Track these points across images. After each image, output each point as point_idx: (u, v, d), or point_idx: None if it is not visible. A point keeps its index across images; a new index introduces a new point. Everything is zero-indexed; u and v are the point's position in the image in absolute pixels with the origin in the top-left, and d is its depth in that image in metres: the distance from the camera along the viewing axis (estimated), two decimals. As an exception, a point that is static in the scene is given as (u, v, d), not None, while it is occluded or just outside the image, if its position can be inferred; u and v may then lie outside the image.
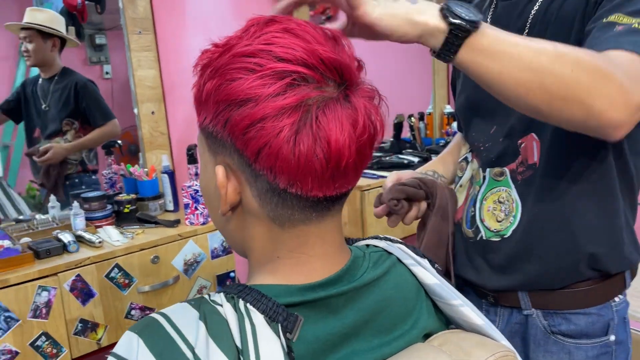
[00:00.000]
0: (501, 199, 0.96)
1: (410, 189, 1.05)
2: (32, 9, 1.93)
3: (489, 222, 0.97)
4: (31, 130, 2.03)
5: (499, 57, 0.66)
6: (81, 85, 2.01)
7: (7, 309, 1.31)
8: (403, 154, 2.70)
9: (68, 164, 2.04)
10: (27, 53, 1.92)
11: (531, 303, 0.95)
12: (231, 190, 0.57)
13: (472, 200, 1.01)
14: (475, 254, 1.00)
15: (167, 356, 0.51)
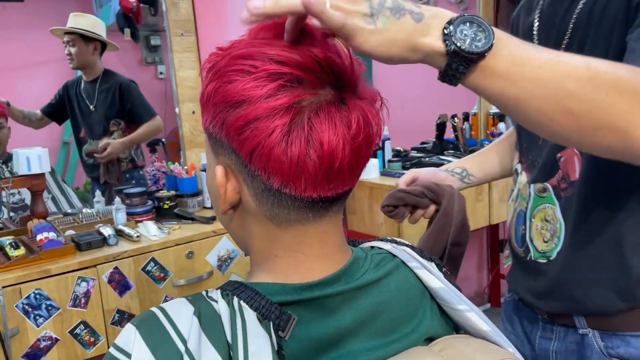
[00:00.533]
0: (547, 217, 0.91)
1: (410, 197, 1.01)
2: (75, 14, 2.04)
3: (537, 241, 0.93)
4: (77, 131, 2.14)
5: (516, 83, 0.54)
6: (125, 86, 2.11)
7: (48, 297, 1.39)
8: (445, 154, 2.66)
9: (121, 161, 2.14)
10: (70, 56, 2.03)
11: (587, 323, 0.90)
12: (230, 190, 0.59)
13: (522, 217, 0.97)
14: (527, 273, 0.96)
15: (161, 348, 0.53)
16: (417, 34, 0.54)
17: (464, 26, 0.54)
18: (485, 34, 0.54)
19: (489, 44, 0.53)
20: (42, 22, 2.08)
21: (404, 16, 0.53)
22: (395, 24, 0.53)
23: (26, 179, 1.66)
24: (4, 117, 1.98)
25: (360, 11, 0.52)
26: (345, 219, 2.42)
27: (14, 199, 1.97)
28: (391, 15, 0.53)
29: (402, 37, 0.53)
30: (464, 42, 0.53)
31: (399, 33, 0.53)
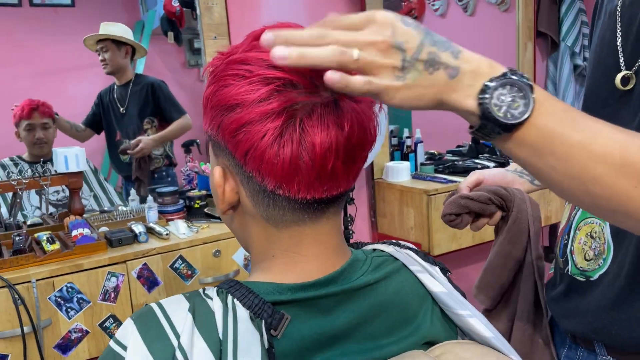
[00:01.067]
0: (594, 234, 0.85)
1: (475, 204, 0.93)
2: (106, 23, 2.14)
3: (577, 257, 0.88)
4: (112, 135, 2.22)
5: (542, 156, 0.51)
6: (156, 85, 2.19)
7: (79, 291, 1.45)
8: (480, 158, 2.61)
9: (154, 159, 2.21)
10: (104, 62, 2.13)
11: (606, 351, 0.85)
12: (228, 190, 0.60)
13: (568, 227, 0.92)
14: (561, 286, 0.92)
15: (155, 342, 0.55)
16: (448, 89, 0.50)
17: (503, 90, 0.50)
18: (524, 101, 0.50)
19: (526, 114, 0.50)
20: (92, 26, 2.17)
21: (438, 71, 0.49)
22: (427, 80, 0.49)
23: (64, 177, 1.73)
24: (50, 117, 2.07)
25: (391, 64, 0.48)
26: (376, 222, 2.41)
27: (59, 197, 2.06)
28: (424, 69, 0.49)
29: (431, 93, 0.50)
30: (499, 109, 0.49)
31: (428, 89, 0.50)
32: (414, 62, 0.49)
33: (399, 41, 0.48)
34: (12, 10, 2.12)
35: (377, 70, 0.48)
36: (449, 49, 0.50)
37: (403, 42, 0.48)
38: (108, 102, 2.21)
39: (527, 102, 0.50)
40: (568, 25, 2.94)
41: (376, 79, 0.48)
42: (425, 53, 0.49)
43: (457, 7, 3.09)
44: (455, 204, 0.94)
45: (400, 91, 0.49)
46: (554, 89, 3.11)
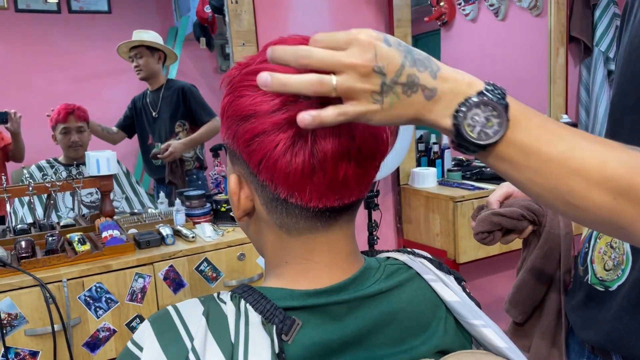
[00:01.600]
0: (614, 244, 0.84)
1: (508, 221, 0.92)
2: (138, 31, 2.20)
3: (597, 266, 0.87)
4: (145, 139, 2.28)
5: (520, 170, 0.52)
6: (187, 89, 2.24)
7: (108, 291, 1.49)
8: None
9: (185, 161, 2.26)
10: (139, 67, 2.19)
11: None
12: (243, 198, 0.62)
13: (589, 235, 0.91)
14: (580, 296, 0.91)
15: (170, 344, 0.57)
16: (425, 110, 0.51)
17: (477, 110, 0.51)
18: (498, 120, 0.51)
19: (500, 134, 0.51)
20: (127, 32, 2.24)
21: (415, 93, 0.50)
22: (404, 102, 0.50)
23: (95, 180, 1.79)
24: (85, 121, 2.14)
25: (370, 89, 0.49)
26: (401, 228, 2.40)
27: (92, 199, 2.12)
28: (402, 92, 0.50)
29: (409, 114, 0.51)
30: (472, 130, 0.51)
31: (405, 111, 0.51)
32: (393, 86, 0.49)
33: (380, 65, 0.49)
34: (51, 17, 2.20)
35: (356, 95, 0.49)
36: (428, 69, 0.50)
37: (384, 66, 0.49)
38: (141, 106, 2.28)
39: (501, 122, 0.51)
40: (602, 30, 2.87)
41: (352, 105, 0.50)
42: (405, 76, 0.49)
43: (489, 12, 3.06)
44: (488, 222, 0.93)
45: (377, 114, 0.50)
46: (587, 95, 3.05)
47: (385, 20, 2.41)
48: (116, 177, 2.17)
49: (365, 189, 0.62)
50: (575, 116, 3.11)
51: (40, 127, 2.11)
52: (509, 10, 3.02)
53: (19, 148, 2.05)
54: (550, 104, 2.89)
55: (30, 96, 2.18)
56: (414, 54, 0.51)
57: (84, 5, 2.23)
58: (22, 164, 2.11)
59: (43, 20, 2.20)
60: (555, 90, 2.88)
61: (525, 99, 1.73)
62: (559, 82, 2.87)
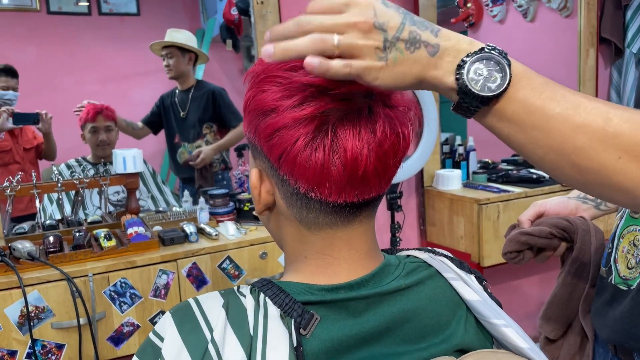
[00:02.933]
0: (636, 241, 0.83)
1: (536, 240, 0.91)
2: (172, 30, 2.22)
3: (621, 265, 0.86)
4: (172, 138, 2.31)
5: (525, 130, 0.52)
6: (217, 92, 2.26)
7: (132, 286, 1.51)
8: (535, 168, 2.54)
9: (213, 164, 2.29)
10: (169, 67, 2.21)
11: None
12: (264, 192, 0.62)
13: (612, 235, 0.90)
14: (604, 297, 0.90)
15: (190, 335, 0.58)
16: (430, 67, 0.51)
17: (480, 64, 0.51)
18: (501, 74, 0.51)
19: (503, 87, 0.51)
20: (156, 34, 2.28)
21: (419, 49, 0.51)
22: (409, 58, 0.51)
23: (122, 177, 1.82)
24: (113, 120, 2.18)
25: (372, 45, 0.50)
26: (425, 230, 2.39)
27: (119, 197, 2.16)
28: (405, 48, 0.50)
29: (414, 71, 0.51)
30: (476, 83, 0.51)
31: (411, 67, 0.51)
32: (396, 42, 0.50)
33: (380, 21, 0.49)
34: (82, 19, 2.25)
35: (359, 52, 0.50)
36: (428, 28, 0.51)
37: (385, 22, 0.50)
38: (169, 104, 2.30)
39: (504, 75, 0.51)
40: (634, 31, 2.81)
41: (357, 60, 0.50)
42: (407, 32, 0.50)
43: (517, 13, 3.02)
44: (515, 241, 0.92)
45: (382, 71, 0.50)
46: (617, 97, 2.98)
47: (411, 21, 2.40)
48: (142, 177, 2.20)
49: (385, 186, 0.61)
50: (605, 119, 3.04)
51: (69, 126, 2.16)
52: (537, 11, 2.98)
53: (51, 148, 2.11)
54: (579, 106, 2.84)
55: (60, 96, 2.23)
56: (413, 16, 0.52)
57: (113, 7, 2.27)
58: (52, 163, 2.16)
59: (74, 22, 2.25)
60: (585, 93, 2.82)
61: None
62: (589, 84, 2.81)
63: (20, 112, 2.00)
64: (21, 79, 2.04)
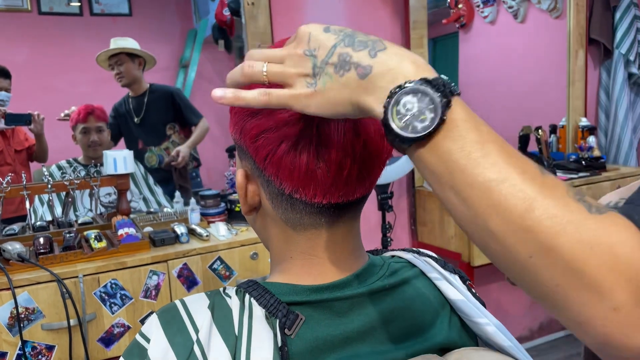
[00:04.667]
0: None
1: None
2: (116, 38, 2.22)
3: None
4: (134, 144, 2.31)
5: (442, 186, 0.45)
6: (175, 93, 2.30)
7: (123, 287, 1.51)
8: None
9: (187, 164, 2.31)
10: (120, 74, 2.21)
11: None
12: (251, 192, 0.63)
13: None
14: None
15: (176, 336, 0.58)
16: (360, 90, 0.46)
17: (413, 97, 0.44)
18: (432, 116, 0.43)
19: (428, 131, 0.44)
20: (148, 34, 2.27)
21: (349, 72, 0.46)
22: (338, 82, 0.47)
23: (112, 179, 1.82)
24: (104, 121, 2.18)
25: (302, 72, 0.48)
26: (416, 230, 2.40)
27: (110, 199, 2.16)
28: (334, 72, 0.47)
29: (345, 97, 0.47)
30: (401, 119, 0.44)
31: (340, 92, 0.47)
32: (324, 66, 0.47)
33: (310, 49, 0.48)
34: (73, 20, 2.24)
35: (286, 80, 0.49)
36: (368, 48, 0.47)
37: (315, 48, 0.48)
38: (125, 112, 2.30)
39: (435, 118, 0.43)
40: (622, 32, 2.84)
41: (280, 89, 0.50)
42: (337, 55, 0.47)
43: (507, 14, 3.04)
44: None
45: (312, 98, 0.48)
46: (606, 98, 3.01)
47: (401, 22, 2.41)
48: (134, 178, 2.20)
49: (370, 186, 0.62)
50: (595, 119, 3.07)
51: (61, 128, 2.15)
52: (528, 12, 3.00)
53: (43, 149, 2.10)
54: (568, 107, 2.86)
55: (51, 97, 2.22)
56: (356, 37, 0.48)
57: (105, 8, 2.27)
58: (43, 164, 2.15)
59: (65, 23, 2.24)
60: (574, 93, 2.84)
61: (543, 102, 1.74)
62: (578, 84, 2.84)
63: (13, 112, 1.99)
64: (13, 80, 2.03)
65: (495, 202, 0.42)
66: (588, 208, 0.41)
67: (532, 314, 2.90)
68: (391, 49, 0.47)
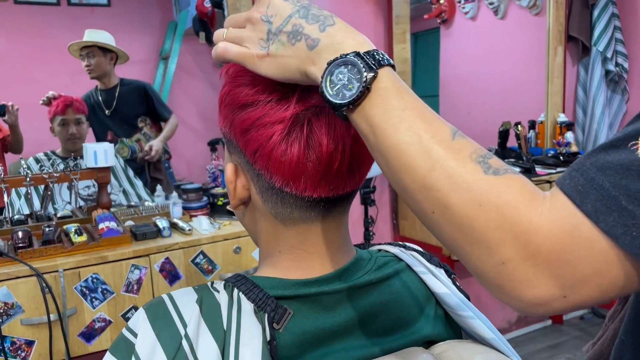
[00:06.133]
0: None
1: None
2: (91, 30, 2.19)
3: None
4: (103, 136, 2.29)
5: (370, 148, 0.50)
6: (148, 87, 2.30)
7: (104, 282, 1.50)
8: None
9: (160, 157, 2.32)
10: (90, 67, 2.19)
11: None
12: (240, 186, 0.63)
13: None
14: None
15: (164, 331, 0.58)
16: (308, 61, 0.51)
17: (344, 68, 0.49)
18: (358, 84, 0.48)
19: (352, 98, 0.48)
20: (126, 25, 2.24)
21: (300, 42, 0.51)
22: (289, 50, 0.51)
23: (93, 172, 1.80)
24: (83, 113, 2.14)
25: (256, 36, 0.53)
26: (397, 224, 2.42)
27: (89, 192, 2.13)
28: (287, 40, 0.51)
29: (294, 64, 0.52)
30: (332, 88, 0.49)
31: (291, 59, 0.52)
32: (278, 34, 0.52)
33: (267, 15, 0.53)
34: (50, 9, 2.20)
35: (245, 42, 0.54)
36: (319, 22, 0.51)
37: (272, 15, 0.53)
38: (93, 104, 2.28)
39: (360, 87, 0.48)
40: (600, 29, 2.88)
41: (236, 46, 0.55)
42: (290, 25, 0.52)
43: (488, 11, 3.07)
44: None
45: (264, 60, 0.53)
46: (584, 94, 3.06)
47: (384, 16, 2.42)
48: (114, 170, 2.18)
49: (360, 181, 0.62)
50: (573, 115, 3.12)
51: (39, 119, 2.12)
52: (508, 8, 3.04)
53: (17, 140, 2.06)
54: (547, 102, 2.90)
55: (29, 89, 2.18)
56: (311, 10, 0.52)
57: (83, -3, 2.23)
58: (20, 156, 2.11)
59: (42, 12, 2.20)
60: (553, 89, 2.89)
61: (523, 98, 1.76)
62: (557, 81, 2.88)
63: None
64: (-10, 70, 1.99)
65: (405, 162, 0.46)
66: (486, 169, 0.44)
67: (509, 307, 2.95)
68: (339, 25, 0.51)
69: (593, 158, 0.44)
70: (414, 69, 2.53)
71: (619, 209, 0.40)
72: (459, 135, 0.47)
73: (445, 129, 0.47)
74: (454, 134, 0.47)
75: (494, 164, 0.45)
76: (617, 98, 3.03)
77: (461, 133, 0.47)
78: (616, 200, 0.40)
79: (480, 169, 0.44)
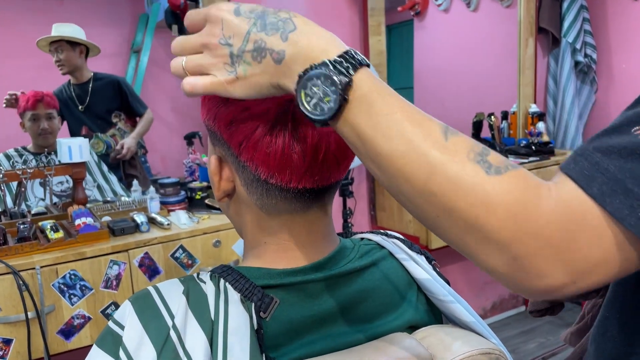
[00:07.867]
0: None
1: None
2: (58, 24, 2.14)
3: None
4: (77, 131, 2.25)
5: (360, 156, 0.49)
6: (122, 82, 2.25)
7: (82, 278, 1.48)
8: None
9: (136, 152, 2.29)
10: (60, 62, 2.14)
11: None
12: (224, 179, 0.63)
13: None
14: None
15: (151, 323, 0.58)
16: (279, 74, 0.49)
17: (316, 80, 0.46)
18: (334, 97, 0.46)
19: (331, 113, 0.46)
20: (98, 18, 2.19)
21: (265, 58, 0.49)
22: (256, 68, 0.49)
23: (67, 167, 1.77)
24: (54, 108, 2.10)
25: (220, 61, 0.51)
26: (375, 215, 2.44)
27: (62, 187, 2.09)
28: (252, 59, 0.49)
29: (265, 80, 0.49)
30: (309, 103, 0.47)
31: (261, 77, 0.49)
32: (242, 55, 0.49)
33: (225, 37, 0.50)
34: (17, 1, 2.14)
35: (209, 69, 0.51)
36: (279, 31, 0.49)
37: (230, 36, 0.50)
38: (66, 99, 2.24)
39: (337, 99, 0.46)
40: (569, 21, 2.95)
41: (203, 77, 0.52)
42: (252, 42, 0.49)
43: (461, 3, 3.11)
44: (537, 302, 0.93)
45: (235, 84, 0.51)
46: (554, 85, 3.13)
47: (360, 9, 2.43)
48: (87, 166, 2.14)
49: (343, 172, 0.63)
50: (544, 105, 3.18)
51: (6, 115, 2.07)
52: (480, 1, 3.07)
53: None
54: (519, 93, 2.96)
55: (-4, 83, 2.13)
56: (266, 18, 0.50)
57: (51, -11, 2.18)
58: (-11, 153, 2.07)
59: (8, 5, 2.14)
60: (524, 80, 2.94)
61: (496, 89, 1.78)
62: (528, 72, 2.94)
63: None
64: (-47, 65, 1.94)
65: (401, 170, 0.45)
66: (487, 169, 0.44)
67: (485, 295, 3.01)
68: (300, 28, 0.49)
69: (596, 142, 0.45)
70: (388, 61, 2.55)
71: (625, 191, 0.41)
72: (451, 133, 0.46)
73: (435, 128, 0.46)
74: (446, 133, 0.46)
75: (494, 161, 0.44)
76: (587, 89, 3.10)
77: (452, 129, 0.47)
78: (622, 183, 0.41)
79: (481, 170, 0.44)
